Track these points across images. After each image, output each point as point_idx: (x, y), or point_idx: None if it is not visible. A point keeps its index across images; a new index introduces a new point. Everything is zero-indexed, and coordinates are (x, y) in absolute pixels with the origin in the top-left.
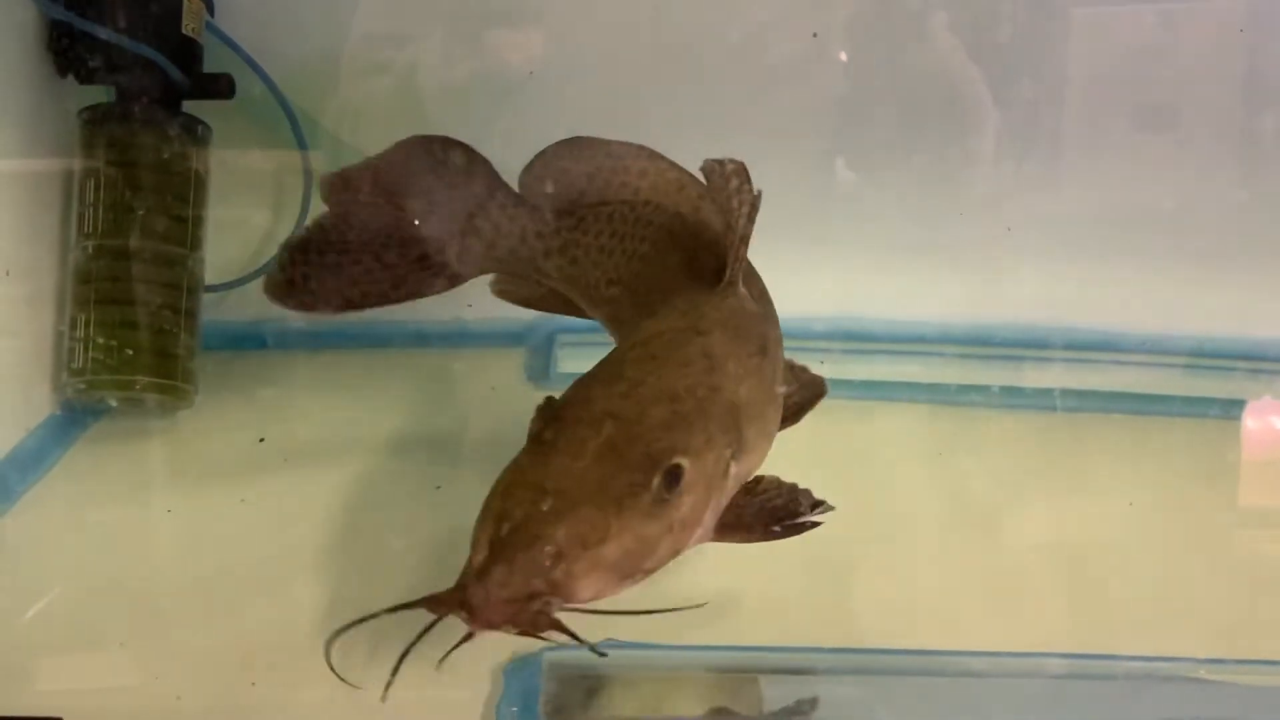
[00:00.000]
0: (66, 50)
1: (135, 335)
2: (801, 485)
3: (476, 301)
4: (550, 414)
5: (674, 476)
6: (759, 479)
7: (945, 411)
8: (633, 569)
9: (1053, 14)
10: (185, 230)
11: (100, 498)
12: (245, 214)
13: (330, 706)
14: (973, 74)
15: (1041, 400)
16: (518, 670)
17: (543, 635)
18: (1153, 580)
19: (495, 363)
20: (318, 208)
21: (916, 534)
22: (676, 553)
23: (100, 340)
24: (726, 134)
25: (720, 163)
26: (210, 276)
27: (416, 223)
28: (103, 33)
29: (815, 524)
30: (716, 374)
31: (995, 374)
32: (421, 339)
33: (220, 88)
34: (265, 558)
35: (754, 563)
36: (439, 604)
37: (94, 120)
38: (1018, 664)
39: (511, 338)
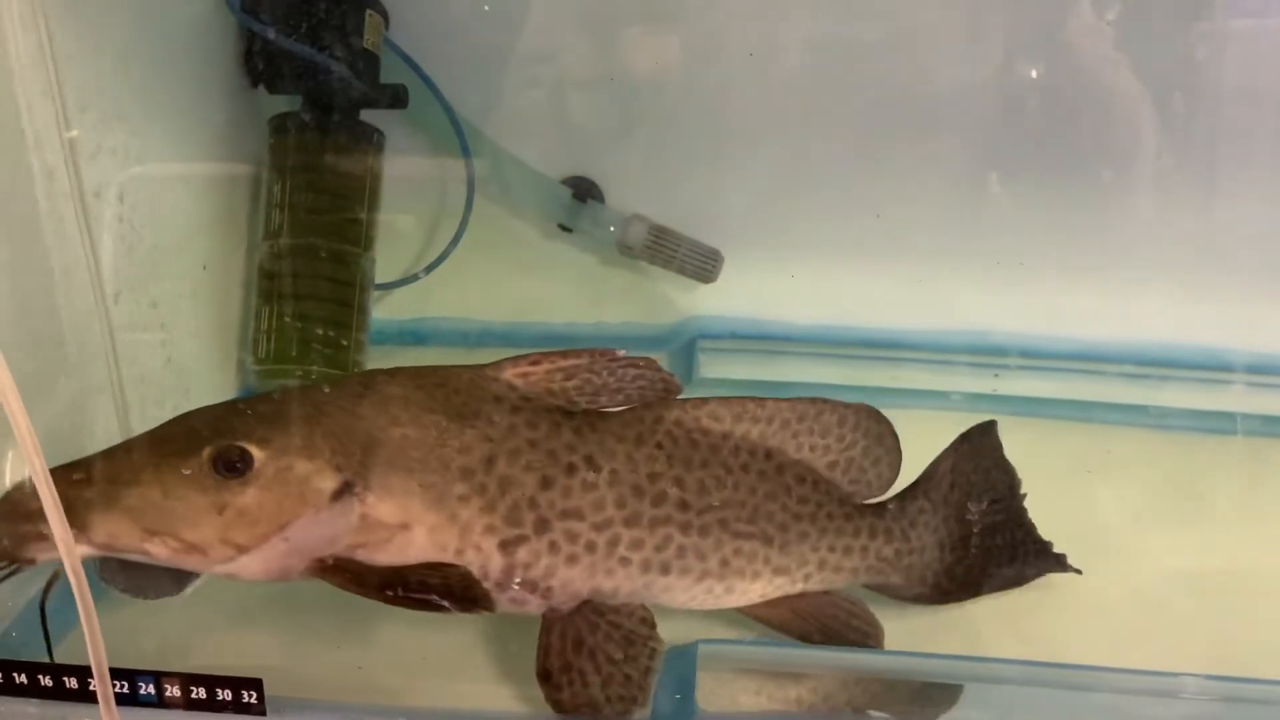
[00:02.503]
0: (258, 63)
1: (312, 328)
2: None
3: (616, 307)
4: None
5: (233, 460)
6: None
7: (1092, 430)
8: (158, 526)
9: (1209, 26)
10: (359, 231)
11: None
12: (411, 217)
13: (491, 697)
14: (1134, 89)
15: (1194, 421)
16: (674, 660)
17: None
18: None
19: None
20: (480, 212)
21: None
22: (235, 546)
23: (280, 331)
24: (880, 145)
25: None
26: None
27: None
28: (292, 46)
29: (442, 608)
30: (365, 404)
31: (1144, 393)
32: (567, 341)
33: (395, 98)
34: None
35: None
36: None
37: (281, 128)
38: (1184, 685)
39: (654, 341)
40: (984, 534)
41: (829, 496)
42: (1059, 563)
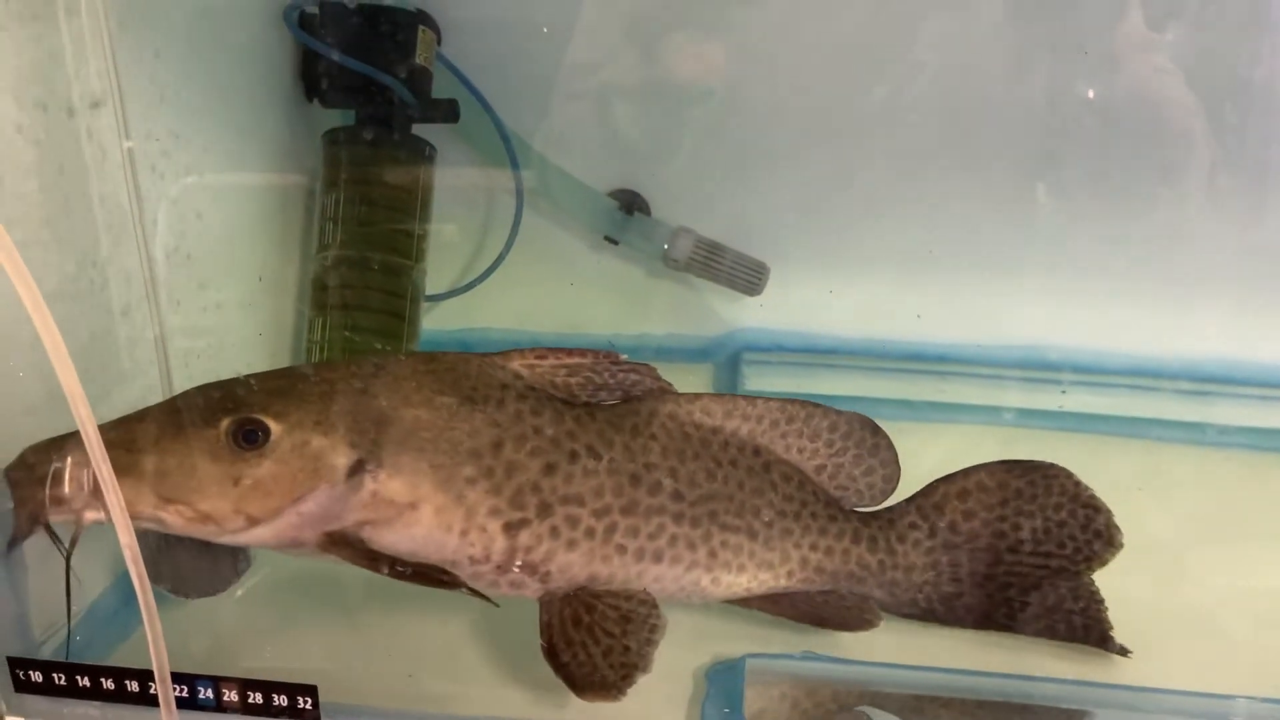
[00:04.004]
0: (314, 77)
1: (364, 339)
2: None
3: (662, 319)
4: None
5: (251, 431)
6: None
7: (1144, 447)
8: (174, 495)
9: (1262, 33)
10: (411, 243)
11: None
12: (460, 229)
13: (540, 706)
14: (1188, 103)
15: (1248, 439)
16: (722, 674)
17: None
18: None
19: (684, 377)
20: (528, 224)
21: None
22: (249, 518)
23: (334, 342)
24: (928, 159)
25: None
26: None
27: None
28: (348, 63)
29: (445, 585)
30: (378, 384)
31: (1198, 410)
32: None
33: (447, 112)
34: None
35: None
36: None
37: (335, 141)
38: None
39: (699, 354)
40: (1008, 583)
41: (814, 497)
42: (1107, 644)
